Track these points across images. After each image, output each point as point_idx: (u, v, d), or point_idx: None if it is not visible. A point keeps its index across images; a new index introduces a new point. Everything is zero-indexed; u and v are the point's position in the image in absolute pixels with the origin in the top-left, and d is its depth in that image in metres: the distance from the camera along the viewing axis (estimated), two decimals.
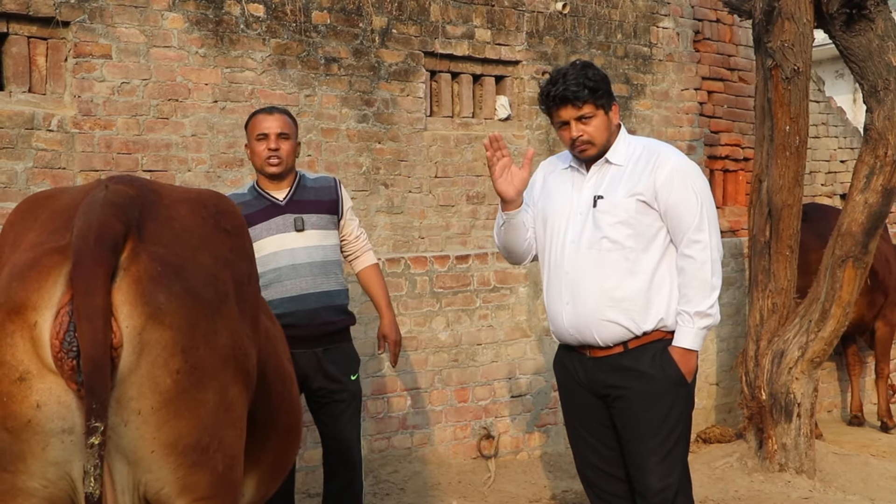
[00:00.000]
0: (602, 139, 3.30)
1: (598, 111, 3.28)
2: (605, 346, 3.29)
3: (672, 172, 3.25)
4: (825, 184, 8.07)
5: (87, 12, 4.81)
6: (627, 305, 3.24)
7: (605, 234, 3.26)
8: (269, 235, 3.85)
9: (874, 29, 5.31)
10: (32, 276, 2.02)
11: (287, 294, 3.83)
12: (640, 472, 3.27)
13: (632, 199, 3.25)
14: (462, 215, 6.06)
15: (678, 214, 3.24)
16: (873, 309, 7.16)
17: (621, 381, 3.28)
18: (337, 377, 3.92)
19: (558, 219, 3.39)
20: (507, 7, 6.21)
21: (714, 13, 7.17)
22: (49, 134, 4.72)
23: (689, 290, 3.23)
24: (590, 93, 3.24)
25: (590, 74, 3.26)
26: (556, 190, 3.46)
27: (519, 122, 6.35)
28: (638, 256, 3.24)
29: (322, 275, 3.89)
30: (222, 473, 2.15)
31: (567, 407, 3.53)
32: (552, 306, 3.40)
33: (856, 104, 11.98)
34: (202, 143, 5.15)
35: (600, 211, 3.28)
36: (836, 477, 5.65)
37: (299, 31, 5.44)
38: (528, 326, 6.06)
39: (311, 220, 3.91)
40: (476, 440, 5.84)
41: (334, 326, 3.93)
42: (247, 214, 3.65)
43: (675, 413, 3.28)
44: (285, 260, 3.84)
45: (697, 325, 3.23)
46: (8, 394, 1.98)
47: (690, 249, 3.23)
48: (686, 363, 3.26)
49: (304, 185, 3.97)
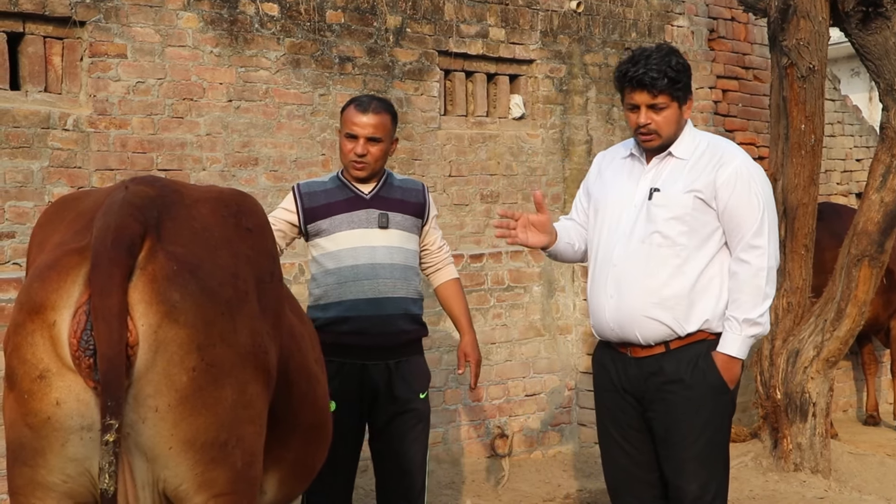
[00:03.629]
0: (669, 132, 3.15)
1: (672, 103, 3.12)
2: (646, 344, 3.17)
3: (735, 172, 3.11)
4: (841, 182, 8.04)
5: (103, 12, 4.83)
6: (673, 304, 3.11)
7: (657, 229, 3.13)
8: (350, 229, 3.51)
9: (890, 27, 5.28)
10: (52, 276, 2.04)
11: (364, 295, 3.48)
12: (679, 477, 3.16)
13: (689, 194, 3.11)
14: (476, 214, 6.06)
15: (737, 217, 3.10)
16: (889, 308, 7.13)
17: (662, 385, 3.16)
18: (406, 394, 3.56)
19: (611, 210, 3.27)
20: (521, 6, 6.21)
21: (729, 11, 7.15)
22: (65, 133, 4.75)
23: (740, 296, 3.10)
24: (669, 83, 3.08)
25: (673, 63, 3.09)
26: (611, 180, 3.33)
27: (533, 122, 6.34)
28: (690, 255, 3.12)
29: (402, 279, 3.55)
30: (241, 470, 2.16)
31: (601, 408, 3.39)
32: (595, 299, 3.27)
33: (871, 102, 11.92)
34: (217, 143, 5.16)
35: (655, 204, 3.14)
36: (852, 477, 5.63)
37: (313, 30, 5.45)
38: (542, 325, 6.06)
39: (395, 218, 3.56)
40: (490, 439, 5.84)
41: (409, 336, 3.60)
42: (326, 204, 3.52)
43: (716, 419, 3.17)
44: (364, 258, 3.50)
45: (745, 333, 3.10)
46: (28, 391, 2.00)
47: (748, 254, 3.10)
48: (729, 371, 3.14)
49: (391, 182, 3.64)
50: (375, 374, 3.51)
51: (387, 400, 3.54)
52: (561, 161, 6.46)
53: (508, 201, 6.24)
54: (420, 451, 3.60)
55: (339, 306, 3.48)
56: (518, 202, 6.27)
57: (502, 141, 6.22)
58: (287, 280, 4.57)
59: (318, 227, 3.53)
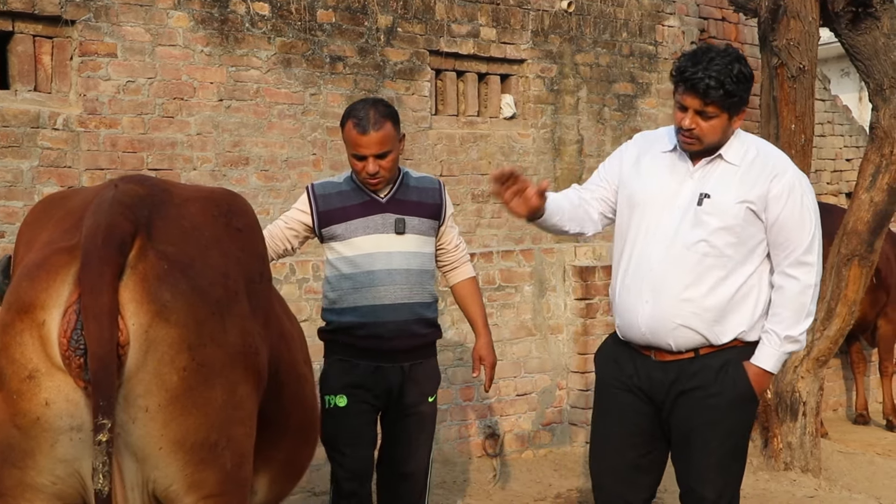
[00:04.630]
0: (712, 141, 2.99)
1: (722, 113, 2.95)
2: (676, 351, 3.05)
3: (789, 186, 2.99)
4: (831, 182, 8.07)
5: (93, 11, 4.82)
6: (711, 316, 3.00)
7: (705, 238, 2.99)
8: (366, 234, 3.45)
9: (880, 27, 5.30)
10: (41, 275, 2.03)
11: (380, 301, 3.44)
12: (696, 481, 3.10)
13: (742, 205, 2.97)
14: (467, 214, 6.06)
15: (787, 231, 2.99)
16: (876, 307, 7.15)
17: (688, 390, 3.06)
18: (415, 397, 3.55)
19: (650, 208, 3.08)
20: (512, 6, 6.21)
21: (719, 11, 7.17)
22: (54, 132, 4.73)
23: (784, 311, 3.00)
24: (724, 94, 2.90)
25: (735, 72, 2.90)
26: (650, 172, 3.13)
27: (524, 121, 6.34)
28: (735, 267, 3.00)
29: (418, 284, 3.51)
30: (230, 471, 2.15)
31: (605, 406, 3.25)
32: (627, 301, 3.11)
33: (861, 102, 11.97)
34: (207, 142, 5.15)
35: (705, 212, 2.99)
36: (842, 475, 5.65)
37: (304, 29, 5.45)
38: (534, 325, 6.06)
39: (412, 223, 3.50)
40: (481, 439, 5.84)
41: (424, 340, 3.58)
42: (341, 207, 3.46)
43: (740, 427, 3.10)
44: (381, 263, 3.45)
45: (783, 349, 3.01)
46: (18, 391, 1.99)
47: (797, 271, 3.00)
48: (760, 383, 3.05)
49: (406, 183, 3.56)
50: (391, 374, 3.49)
51: (397, 402, 3.53)
52: (552, 161, 6.46)
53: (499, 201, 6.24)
54: (425, 453, 3.59)
55: (354, 311, 3.46)
56: None
57: (493, 140, 6.22)
58: (277, 280, 4.56)
59: (333, 231, 3.47)
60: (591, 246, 6.09)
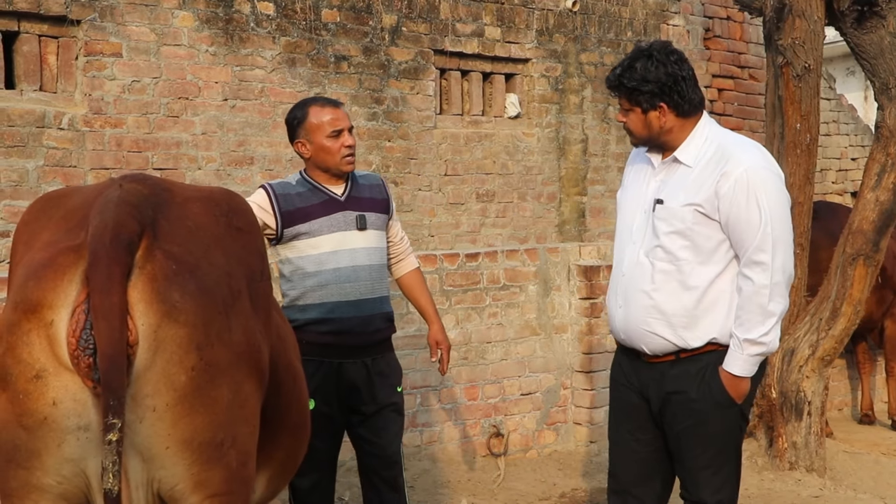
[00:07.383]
0: (642, 134, 3.08)
1: (634, 108, 3.05)
2: (653, 355, 3.10)
3: (737, 182, 2.92)
4: (836, 181, 8.06)
5: (98, 11, 4.82)
6: (676, 321, 3.01)
7: (659, 243, 3.02)
8: (330, 232, 3.50)
9: (886, 26, 5.29)
10: (48, 274, 2.02)
11: (346, 298, 3.50)
12: (693, 484, 3.14)
13: (689, 208, 2.97)
14: (472, 213, 6.06)
15: (738, 230, 2.94)
16: (882, 306, 7.14)
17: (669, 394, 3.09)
18: (387, 390, 3.62)
19: (626, 215, 3.18)
20: (516, 5, 6.21)
21: (724, 10, 7.16)
22: (60, 132, 4.74)
23: (742, 314, 2.96)
24: (628, 91, 3.04)
25: (638, 69, 3.03)
26: (632, 181, 3.23)
27: (529, 120, 6.34)
28: (693, 269, 2.98)
29: (378, 279, 3.59)
30: (236, 470, 2.15)
31: (616, 407, 3.31)
32: (609, 305, 3.22)
33: (867, 101, 11.95)
34: (212, 142, 5.16)
35: (658, 217, 3.02)
36: (847, 475, 5.64)
37: (309, 29, 5.45)
38: (538, 324, 6.06)
39: (371, 218, 3.58)
40: (486, 438, 5.83)
41: (383, 335, 3.65)
42: (303, 207, 3.49)
43: (724, 433, 3.09)
44: (345, 260, 3.51)
45: (747, 353, 2.96)
46: (24, 391, 1.99)
47: (750, 271, 2.94)
48: (734, 388, 3.02)
49: (358, 181, 3.64)
50: (353, 371, 3.56)
51: (369, 396, 3.59)
52: (556, 160, 6.46)
53: (504, 200, 6.24)
54: (399, 441, 3.71)
55: (320, 308, 3.50)
56: (514, 201, 6.27)
57: (498, 140, 6.22)
58: None
59: (296, 231, 3.50)
60: (596, 245, 6.09)
